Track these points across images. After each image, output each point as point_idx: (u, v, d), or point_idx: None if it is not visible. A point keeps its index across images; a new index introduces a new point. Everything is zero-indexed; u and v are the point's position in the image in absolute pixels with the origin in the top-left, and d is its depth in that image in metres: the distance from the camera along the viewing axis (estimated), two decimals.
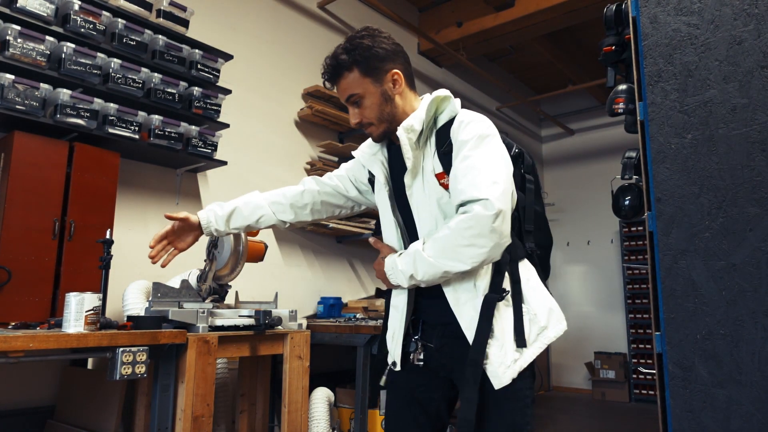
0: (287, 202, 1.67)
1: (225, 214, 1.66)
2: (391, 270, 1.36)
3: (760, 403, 1.43)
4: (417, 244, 1.32)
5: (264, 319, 2.27)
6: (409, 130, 1.38)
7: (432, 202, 1.37)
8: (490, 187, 1.24)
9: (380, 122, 1.43)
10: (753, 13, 1.55)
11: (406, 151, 1.38)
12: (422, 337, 1.43)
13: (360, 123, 1.44)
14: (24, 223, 2.16)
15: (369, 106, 1.42)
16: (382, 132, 1.44)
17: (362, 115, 1.43)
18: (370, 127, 1.44)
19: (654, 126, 1.68)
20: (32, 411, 2.41)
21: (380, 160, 1.51)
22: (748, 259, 1.49)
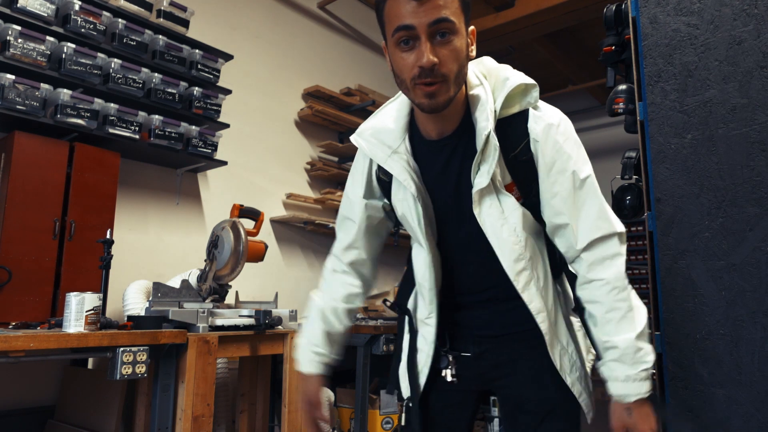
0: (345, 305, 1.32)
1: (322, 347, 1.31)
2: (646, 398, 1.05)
3: (760, 403, 1.43)
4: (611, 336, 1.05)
5: (264, 319, 2.27)
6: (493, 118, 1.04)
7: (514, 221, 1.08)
8: (611, 215, 1.09)
9: (455, 81, 1.01)
10: (753, 14, 1.55)
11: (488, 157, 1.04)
12: (453, 347, 1.18)
13: (433, 69, 0.97)
14: (24, 223, 2.16)
15: (456, 51, 0.99)
16: (449, 99, 1.02)
17: (442, 57, 0.98)
18: (441, 82, 0.99)
19: (654, 126, 1.68)
20: (32, 411, 2.41)
21: (405, 159, 1.12)
22: (747, 259, 1.49)
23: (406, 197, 1.12)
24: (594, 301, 1.07)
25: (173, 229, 3.08)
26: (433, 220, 1.15)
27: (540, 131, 1.07)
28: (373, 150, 1.14)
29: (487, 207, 1.08)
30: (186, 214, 3.15)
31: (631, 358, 1.03)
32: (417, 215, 1.11)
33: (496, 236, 1.08)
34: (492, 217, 1.08)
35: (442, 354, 1.17)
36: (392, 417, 2.95)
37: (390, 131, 1.14)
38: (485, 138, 1.03)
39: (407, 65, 1.00)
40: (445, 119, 1.09)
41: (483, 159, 1.05)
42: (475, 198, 1.07)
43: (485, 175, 1.05)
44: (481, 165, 1.06)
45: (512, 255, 1.08)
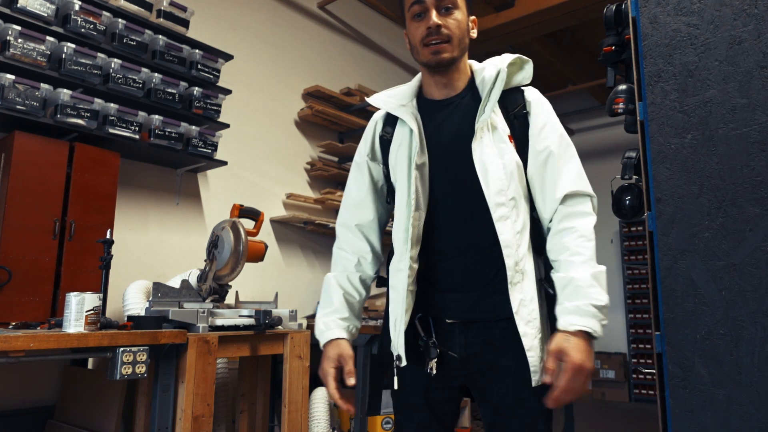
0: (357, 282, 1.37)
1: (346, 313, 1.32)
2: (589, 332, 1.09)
3: (760, 403, 1.43)
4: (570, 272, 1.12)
5: (264, 319, 2.27)
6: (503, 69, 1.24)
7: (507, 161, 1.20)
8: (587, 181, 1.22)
9: (457, 45, 1.24)
10: (753, 14, 1.55)
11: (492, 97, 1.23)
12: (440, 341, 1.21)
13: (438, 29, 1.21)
14: (24, 223, 2.16)
15: (457, 20, 1.23)
16: (452, 57, 1.24)
17: (446, 24, 1.22)
18: (445, 43, 1.23)
19: (654, 126, 1.68)
20: (32, 411, 2.41)
21: (411, 110, 1.29)
22: (747, 259, 1.49)
23: (403, 141, 1.27)
24: (560, 248, 1.16)
25: (173, 229, 3.08)
26: (426, 166, 1.25)
27: (534, 98, 1.28)
28: (386, 102, 1.32)
29: (484, 145, 1.21)
30: (186, 214, 3.15)
31: (584, 291, 1.10)
32: (410, 153, 1.24)
33: (483, 168, 1.20)
34: (485, 154, 1.21)
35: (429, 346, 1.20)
36: (392, 417, 2.95)
37: (402, 92, 1.34)
38: (494, 75, 1.24)
39: (418, 32, 1.25)
40: (449, 84, 1.30)
41: (488, 99, 1.23)
42: (476, 134, 1.22)
43: (488, 110, 1.22)
44: (485, 105, 1.23)
45: (495, 186, 1.18)
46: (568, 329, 1.08)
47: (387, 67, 4.77)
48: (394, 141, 1.31)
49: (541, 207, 1.23)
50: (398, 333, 1.22)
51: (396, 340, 1.22)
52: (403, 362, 1.22)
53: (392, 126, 1.33)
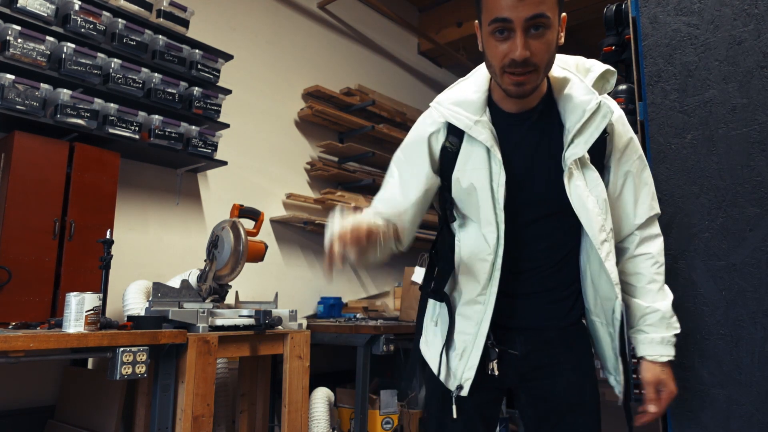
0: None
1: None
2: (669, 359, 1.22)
3: (760, 403, 1.43)
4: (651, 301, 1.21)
5: (264, 319, 2.27)
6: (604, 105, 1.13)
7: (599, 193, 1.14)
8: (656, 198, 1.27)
9: (544, 71, 1.08)
10: (753, 13, 1.55)
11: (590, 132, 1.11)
12: (500, 343, 1.19)
13: (526, 61, 1.03)
14: (24, 223, 2.16)
15: (548, 43, 1.05)
16: (537, 85, 1.09)
17: (535, 50, 1.03)
18: (532, 72, 1.06)
19: (654, 126, 1.68)
20: (32, 411, 2.41)
21: (489, 128, 1.14)
22: (748, 259, 1.49)
23: (481, 167, 1.14)
24: (637, 273, 1.22)
25: (173, 229, 3.08)
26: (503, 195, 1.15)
27: (617, 117, 1.19)
28: (456, 116, 1.16)
29: (575, 179, 1.12)
30: (186, 214, 3.15)
31: (668, 322, 1.21)
32: (496, 184, 1.13)
33: (583, 207, 1.12)
34: (579, 189, 1.12)
35: (489, 346, 1.17)
36: (392, 417, 2.95)
37: (471, 102, 1.17)
38: (593, 108, 1.11)
39: (499, 54, 1.06)
40: (526, 99, 1.15)
41: (582, 131, 1.11)
42: (569, 168, 1.12)
43: (581, 146, 1.11)
44: (577, 137, 1.11)
45: (597, 224, 1.12)
46: (660, 360, 1.22)
47: (387, 67, 4.76)
48: (461, 156, 1.17)
49: (617, 228, 1.21)
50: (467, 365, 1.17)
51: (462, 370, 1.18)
52: (465, 392, 1.18)
53: (457, 136, 1.18)
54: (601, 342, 1.26)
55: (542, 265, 1.20)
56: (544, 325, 1.21)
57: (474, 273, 1.18)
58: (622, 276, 1.22)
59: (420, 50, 5.29)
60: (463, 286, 1.20)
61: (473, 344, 1.17)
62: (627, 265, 1.23)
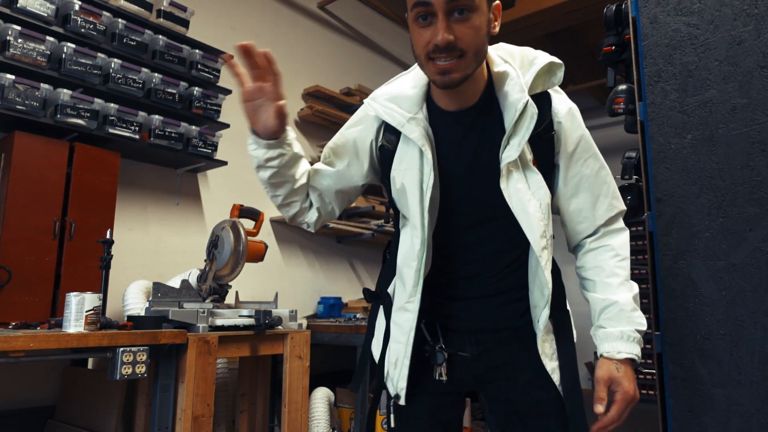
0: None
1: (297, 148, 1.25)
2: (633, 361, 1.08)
3: (760, 403, 1.43)
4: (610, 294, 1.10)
5: (264, 319, 2.27)
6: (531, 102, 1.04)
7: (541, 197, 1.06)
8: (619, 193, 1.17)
9: (474, 57, 1.00)
10: (753, 14, 1.55)
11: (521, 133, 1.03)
12: (447, 345, 1.13)
13: (449, 45, 0.96)
14: (24, 223, 2.16)
15: (474, 28, 0.98)
16: (467, 74, 1.01)
17: (460, 35, 0.97)
18: (457, 59, 0.98)
19: (654, 126, 1.68)
20: (32, 411, 2.41)
21: (423, 126, 1.08)
22: (748, 259, 1.49)
23: (413, 167, 1.08)
24: (596, 267, 1.13)
25: (173, 229, 3.08)
26: (437, 197, 1.10)
27: (565, 113, 1.10)
28: (390, 113, 1.10)
29: (515, 182, 1.05)
30: (186, 214, 3.15)
31: (628, 315, 1.08)
32: (421, 183, 1.07)
33: (523, 211, 1.05)
34: (520, 192, 1.05)
35: (436, 351, 1.11)
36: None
37: (408, 98, 1.12)
38: (521, 109, 1.02)
39: (422, 41, 1.00)
40: (463, 94, 1.08)
41: (515, 132, 1.04)
42: (503, 172, 1.04)
43: (515, 148, 1.03)
44: (511, 138, 1.04)
45: (539, 231, 1.05)
46: (616, 357, 1.07)
47: (387, 67, 4.76)
48: (397, 156, 1.12)
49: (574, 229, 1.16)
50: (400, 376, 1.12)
51: (396, 380, 1.12)
52: (402, 401, 1.13)
53: (395, 135, 1.13)
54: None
55: (492, 268, 1.13)
56: (497, 327, 1.14)
57: (403, 278, 1.12)
58: (581, 272, 1.15)
59: None
60: (397, 292, 1.15)
61: (404, 354, 1.11)
62: (585, 259, 1.14)
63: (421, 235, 1.07)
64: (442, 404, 1.18)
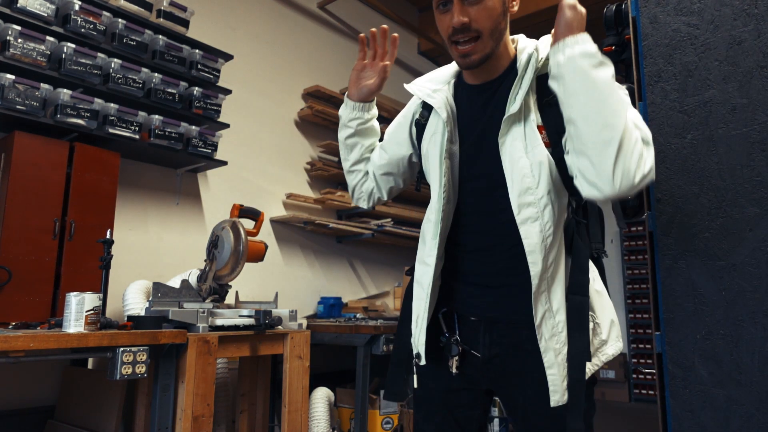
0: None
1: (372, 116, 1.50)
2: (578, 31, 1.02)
3: (760, 403, 1.43)
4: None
5: (264, 319, 2.27)
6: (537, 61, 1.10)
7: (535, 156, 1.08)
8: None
9: (490, 38, 1.09)
10: (753, 13, 1.55)
11: (523, 86, 1.08)
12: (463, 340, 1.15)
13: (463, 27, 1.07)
14: (24, 223, 2.16)
15: (489, 9, 1.07)
16: (486, 54, 1.10)
17: (474, 16, 1.07)
18: (475, 41, 1.08)
19: (654, 126, 1.68)
20: (32, 411, 2.41)
21: (445, 96, 1.21)
22: (748, 259, 1.49)
23: (437, 129, 1.20)
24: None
25: (173, 229, 3.08)
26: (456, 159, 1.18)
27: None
28: (420, 89, 1.25)
29: (512, 138, 1.09)
30: (186, 214, 3.15)
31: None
32: (441, 144, 1.17)
33: (510, 164, 1.08)
34: (514, 148, 1.09)
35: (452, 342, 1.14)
36: (392, 417, 2.95)
37: (440, 76, 1.27)
38: (525, 64, 1.10)
39: (444, 26, 1.11)
40: (487, 71, 1.17)
41: (520, 87, 1.09)
42: (503, 126, 1.09)
43: (518, 101, 1.08)
44: (518, 94, 1.09)
45: (522, 184, 1.07)
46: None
47: None
48: (428, 127, 1.23)
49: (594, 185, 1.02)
50: (420, 330, 1.17)
51: (417, 337, 1.17)
52: (422, 361, 1.17)
53: (428, 110, 1.26)
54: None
55: (503, 242, 1.12)
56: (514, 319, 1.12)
57: (424, 235, 1.20)
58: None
59: (420, 50, 5.29)
60: (419, 249, 1.23)
61: (424, 309, 1.15)
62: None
63: (438, 191, 1.15)
64: (458, 403, 1.19)
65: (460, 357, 1.14)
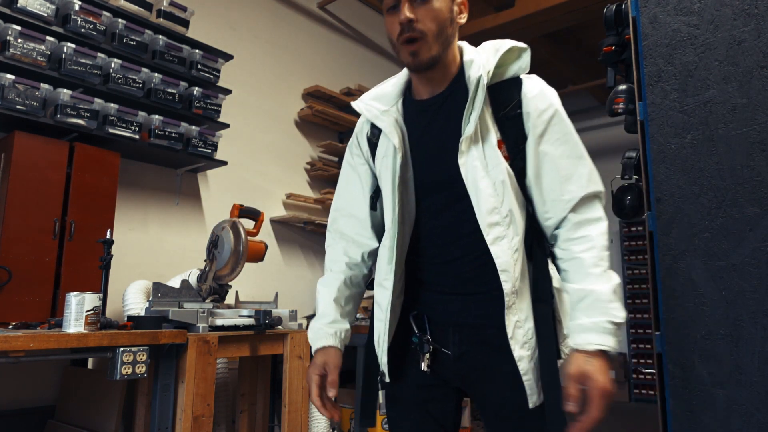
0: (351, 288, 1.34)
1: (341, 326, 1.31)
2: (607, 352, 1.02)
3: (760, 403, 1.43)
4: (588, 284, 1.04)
5: (264, 319, 2.27)
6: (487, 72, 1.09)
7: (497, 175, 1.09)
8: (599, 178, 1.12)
9: (436, 40, 1.09)
10: (753, 13, 1.55)
11: (477, 104, 1.08)
12: (434, 339, 1.17)
13: (410, 24, 1.08)
14: (24, 223, 2.16)
15: (435, 10, 1.08)
16: (432, 56, 1.10)
17: (421, 16, 1.08)
18: (419, 41, 1.09)
19: (654, 126, 1.68)
20: (32, 411, 2.41)
21: (394, 117, 1.18)
22: (748, 259, 1.49)
23: (388, 151, 1.17)
24: (574, 258, 1.08)
25: (173, 229, 3.08)
26: (411, 178, 1.17)
27: (535, 93, 1.13)
28: (369, 110, 1.21)
29: (472, 159, 1.10)
30: (186, 214, 3.15)
31: (603, 306, 1.02)
32: (393, 166, 1.15)
33: (474, 186, 1.09)
34: (475, 169, 1.09)
35: (423, 342, 1.16)
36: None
37: (386, 95, 1.23)
38: (476, 83, 1.09)
39: (393, 27, 1.12)
40: (435, 80, 1.16)
41: (472, 107, 1.09)
42: (462, 147, 1.10)
43: (472, 122, 1.09)
44: (471, 114, 1.09)
45: (487, 205, 1.08)
46: (587, 349, 1.01)
47: (387, 67, 4.76)
48: (380, 146, 1.21)
49: (544, 214, 1.12)
50: (382, 351, 1.19)
51: (380, 356, 1.20)
52: (387, 379, 1.21)
53: (377, 128, 1.22)
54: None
55: (467, 253, 1.13)
56: (481, 322, 1.14)
57: (380, 257, 1.19)
58: (559, 263, 1.12)
59: None
60: (376, 270, 1.22)
61: (384, 330, 1.17)
62: (563, 251, 1.10)
63: (392, 215, 1.14)
64: (431, 397, 1.21)
65: (431, 355, 1.16)
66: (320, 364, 1.24)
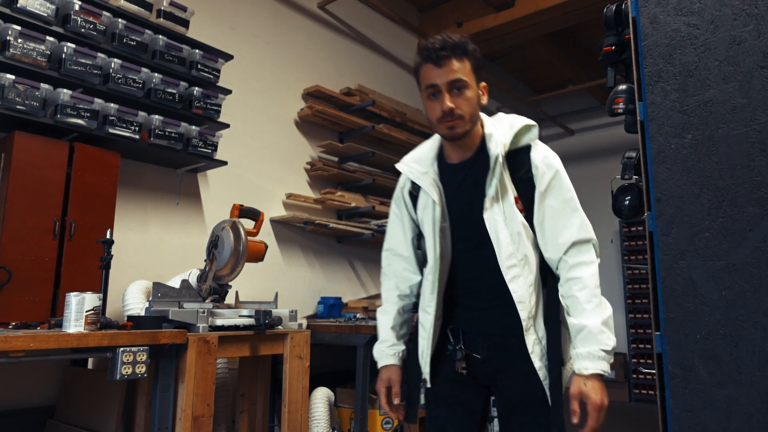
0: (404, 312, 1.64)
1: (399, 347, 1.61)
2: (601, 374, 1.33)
3: (760, 403, 1.43)
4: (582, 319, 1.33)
5: (264, 319, 2.27)
6: (503, 147, 1.42)
7: (514, 227, 1.40)
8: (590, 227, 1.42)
9: (469, 120, 1.43)
10: (753, 13, 1.55)
11: (497, 172, 1.41)
12: (466, 347, 1.47)
13: (451, 112, 1.39)
14: (24, 223, 2.16)
15: (468, 99, 1.41)
16: (465, 131, 1.43)
17: (459, 104, 1.40)
18: (458, 120, 1.41)
19: (654, 126, 1.68)
20: (32, 411, 2.41)
21: (432, 178, 1.51)
22: (748, 259, 1.49)
23: (428, 205, 1.49)
24: (571, 296, 1.37)
25: (173, 229, 3.08)
26: (448, 227, 1.48)
27: (540, 159, 1.44)
28: (411, 171, 1.54)
29: (494, 213, 1.41)
30: (186, 214, 3.15)
31: (595, 337, 1.31)
32: (433, 217, 1.46)
33: (495, 236, 1.41)
34: (496, 222, 1.41)
35: (457, 350, 1.46)
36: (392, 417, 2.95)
37: (424, 158, 1.56)
38: (494, 158, 1.41)
39: (435, 111, 1.43)
40: (464, 148, 1.49)
41: (493, 174, 1.41)
42: (486, 205, 1.41)
43: (493, 187, 1.41)
44: (492, 181, 1.41)
45: (506, 252, 1.40)
46: (584, 373, 1.31)
47: (387, 67, 4.77)
48: (420, 199, 1.52)
49: (546, 254, 1.43)
50: (425, 362, 1.49)
51: (423, 367, 1.50)
52: (428, 384, 1.51)
53: (418, 186, 1.53)
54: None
55: (493, 284, 1.42)
56: (502, 332, 1.44)
57: (425, 288, 1.51)
58: (562, 299, 1.40)
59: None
60: (421, 298, 1.53)
61: (427, 347, 1.48)
62: (563, 289, 1.39)
63: (434, 255, 1.46)
64: (462, 390, 1.50)
65: (465, 359, 1.46)
66: (386, 379, 1.57)
